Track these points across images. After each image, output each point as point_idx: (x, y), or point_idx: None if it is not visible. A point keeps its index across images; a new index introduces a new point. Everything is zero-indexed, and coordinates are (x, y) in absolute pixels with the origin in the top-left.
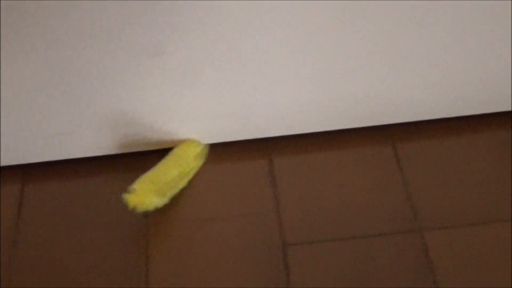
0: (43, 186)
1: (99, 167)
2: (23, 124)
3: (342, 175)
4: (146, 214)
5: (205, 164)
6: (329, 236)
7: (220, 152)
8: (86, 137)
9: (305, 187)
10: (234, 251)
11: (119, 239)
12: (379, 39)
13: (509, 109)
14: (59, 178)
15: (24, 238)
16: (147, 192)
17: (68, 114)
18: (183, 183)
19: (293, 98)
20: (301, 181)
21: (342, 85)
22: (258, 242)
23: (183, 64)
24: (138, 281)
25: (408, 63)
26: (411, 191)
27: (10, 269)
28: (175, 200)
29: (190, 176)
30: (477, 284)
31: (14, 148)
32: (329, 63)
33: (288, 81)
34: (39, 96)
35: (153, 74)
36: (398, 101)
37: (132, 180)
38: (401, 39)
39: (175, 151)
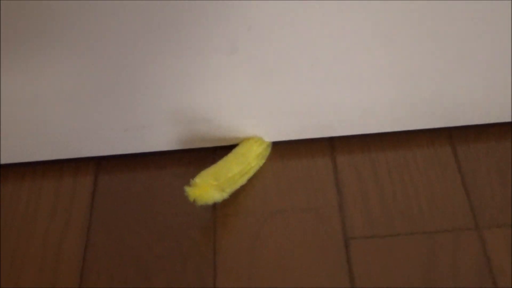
0: (115, 178)
1: (169, 161)
2: (98, 118)
3: (405, 174)
4: (214, 207)
5: (269, 161)
6: (391, 231)
7: (284, 150)
8: (157, 132)
9: (368, 185)
10: (298, 244)
11: (188, 230)
12: (445, 41)
13: None
14: (131, 170)
15: (97, 227)
16: (207, 187)
17: (141, 109)
18: (243, 180)
19: (358, 99)
20: (364, 179)
21: (407, 87)
22: (322, 235)
23: (255, 62)
24: (207, 271)
25: (473, 66)
26: (470, 190)
27: (84, 256)
28: (241, 194)
29: (251, 174)
30: None
31: (89, 141)
32: (394, 64)
33: (354, 81)
34: (115, 91)
35: (226, 72)
36: (460, 104)
37: (197, 174)
38: (465, 42)
39: (239, 148)
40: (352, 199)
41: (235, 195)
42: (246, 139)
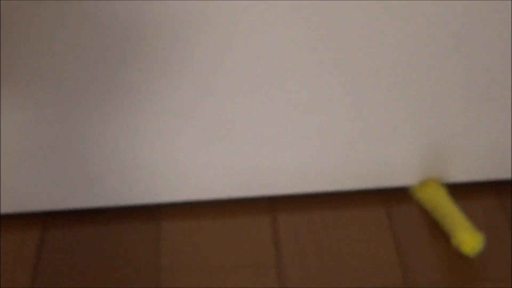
0: (62, 232)
1: (116, 216)
2: (46, 173)
3: (340, 233)
4: (159, 262)
5: (212, 218)
6: (326, 286)
7: (226, 207)
8: (105, 187)
9: (306, 243)
10: None
11: (132, 284)
12: (376, 107)
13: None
14: (78, 225)
15: (43, 279)
16: (473, 234)
17: (91, 165)
18: None
19: (297, 160)
20: (302, 237)
21: (343, 149)
22: None
23: (202, 125)
24: None
25: (401, 129)
26: (401, 249)
27: None
28: (186, 250)
29: None
30: None
31: (37, 195)
32: (331, 129)
33: (294, 144)
34: (65, 146)
35: (173, 132)
36: (393, 166)
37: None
38: (394, 107)
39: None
40: (290, 257)
41: (180, 249)
42: (428, 184)
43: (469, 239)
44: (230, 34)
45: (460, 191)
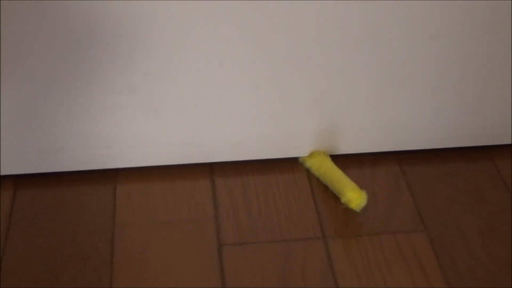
0: (32, 194)
1: (78, 179)
2: (17, 140)
3: (268, 194)
4: (113, 218)
5: (159, 181)
6: (255, 239)
7: (172, 172)
8: (68, 155)
9: (239, 202)
10: (180, 250)
11: (90, 237)
12: (278, 90)
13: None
14: (46, 187)
15: (15, 235)
16: (359, 193)
17: (56, 134)
18: None
19: (232, 133)
20: (236, 197)
21: (269, 124)
22: (200, 242)
23: (149, 102)
24: (104, 272)
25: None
26: (319, 207)
27: (1, 257)
28: (137, 206)
29: None
30: None
31: (8, 160)
32: (259, 106)
33: (229, 119)
34: (33, 117)
35: (126, 108)
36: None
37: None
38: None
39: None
40: (226, 213)
41: (132, 208)
42: (315, 154)
43: (354, 197)
44: (171, 22)
45: (363, 160)
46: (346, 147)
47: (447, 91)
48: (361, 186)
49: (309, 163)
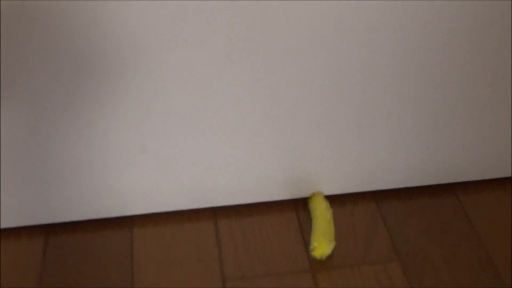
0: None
1: (99, 227)
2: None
3: (263, 232)
4: (132, 260)
5: (164, 226)
6: (253, 273)
7: (177, 217)
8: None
9: (240, 241)
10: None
11: (107, 273)
12: (278, 139)
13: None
14: (74, 234)
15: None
16: (324, 244)
17: (80, 184)
18: (332, 226)
19: (228, 179)
20: (237, 237)
21: (262, 170)
22: (206, 279)
23: (158, 158)
24: None
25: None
26: (307, 243)
27: None
28: (152, 245)
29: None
30: None
31: (36, 209)
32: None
33: (227, 169)
34: (61, 170)
35: (138, 163)
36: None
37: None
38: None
39: (316, 210)
40: (228, 251)
41: (147, 248)
42: (314, 196)
43: (317, 247)
44: (173, 95)
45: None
46: (331, 189)
47: (416, 138)
48: (342, 222)
49: (310, 204)
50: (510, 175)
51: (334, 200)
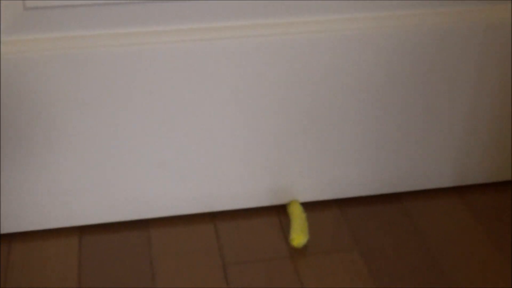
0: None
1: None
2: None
3: (253, 230)
4: (151, 256)
5: (167, 228)
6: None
7: (172, 221)
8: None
9: (242, 246)
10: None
11: (128, 269)
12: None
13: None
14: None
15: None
16: (302, 235)
17: (110, 191)
18: (306, 224)
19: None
20: (233, 232)
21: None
22: (208, 264)
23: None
24: None
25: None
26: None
27: None
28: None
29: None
30: None
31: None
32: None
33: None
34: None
35: (157, 173)
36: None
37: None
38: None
39: (293, 210)
40: (226, 244)
41: (163, 247)
42: (292, 203)
43: (295, 237)
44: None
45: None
46: (305, 197)
47: (370, 153)
48: (314, 222)
49: (288, 209)
50: (450, 185)
51: (307, 205)
